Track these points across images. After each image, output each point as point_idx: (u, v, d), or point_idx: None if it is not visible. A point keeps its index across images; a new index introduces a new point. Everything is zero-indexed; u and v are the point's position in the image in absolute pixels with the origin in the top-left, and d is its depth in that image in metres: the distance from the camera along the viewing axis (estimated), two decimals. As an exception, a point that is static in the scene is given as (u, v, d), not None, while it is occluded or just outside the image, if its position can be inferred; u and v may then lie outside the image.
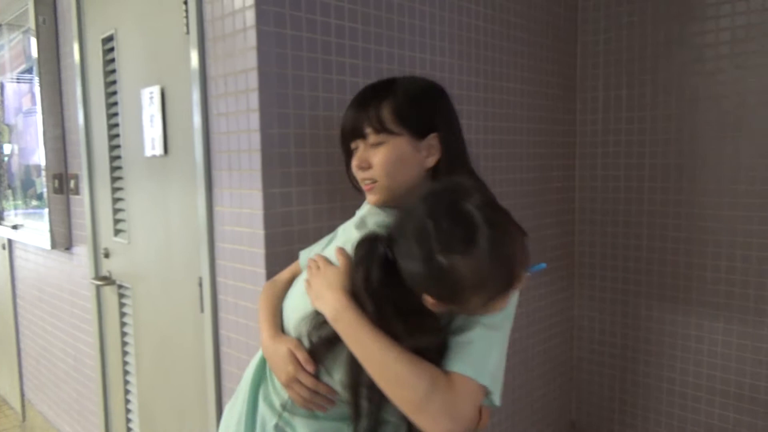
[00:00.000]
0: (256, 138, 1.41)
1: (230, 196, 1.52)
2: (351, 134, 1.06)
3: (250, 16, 1.38)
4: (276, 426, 1.03)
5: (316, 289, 0.96)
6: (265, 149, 1.41)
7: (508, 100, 2.17)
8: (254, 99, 1.40)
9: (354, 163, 1.06)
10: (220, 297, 1.61)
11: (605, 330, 2.58)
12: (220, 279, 1.61)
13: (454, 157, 1.03)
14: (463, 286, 0.82)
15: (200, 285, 1.65)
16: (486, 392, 0.88)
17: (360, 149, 1.05)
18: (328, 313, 0.92)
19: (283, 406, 1.04)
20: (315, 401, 0.98)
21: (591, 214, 2.58)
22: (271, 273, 1.42)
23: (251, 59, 1.39)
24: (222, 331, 1.62)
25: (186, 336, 1.78)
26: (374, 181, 1.04)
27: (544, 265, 0.94)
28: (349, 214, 1.60)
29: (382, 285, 0.87)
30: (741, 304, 2.18)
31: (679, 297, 2.34)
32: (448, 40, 1.89)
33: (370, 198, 1.06)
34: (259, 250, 1.44)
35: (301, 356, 0.98)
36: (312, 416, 1.02)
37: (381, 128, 1.00)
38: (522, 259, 0.86)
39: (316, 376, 0.98)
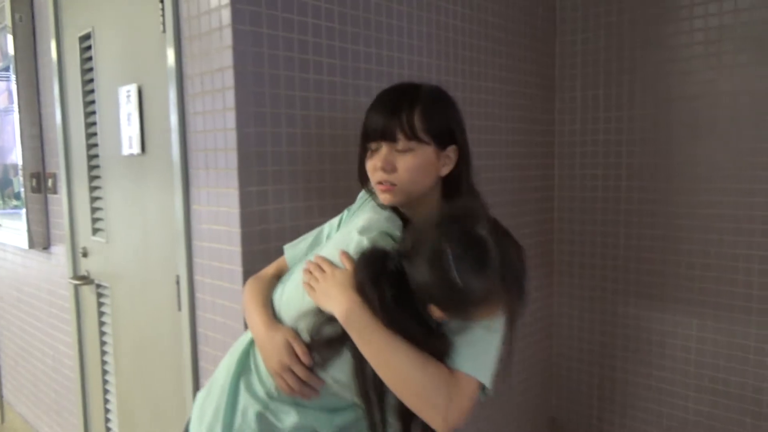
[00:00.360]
0: (232, 137, 1.42)
1: (207, 194, 1.53)
2: (380, 136, 1.06)
3: (226, 15, 1.38)
4: (258, 414, 1.05)
5: (325, 289, 0.98)
6: (241, 148, 1.42)
7: (487, 99, 2.19)
8: (230, 98, 1.41)
9: (378, 164, 1.06)
10: (198, 295, 1.61)
11: (584, 327, 2.61)
12: (197, 277, 1.61)
13: (464, 169, 1.09)
14: (476, 303, 0.89)
15: (177, 283, 1.65)
16: (482, 387, 0.95)
17: (384, 151, 1.05)
18: (340, 312, 0.93)
19: (269, 395, 1.06)
20: (303, 391, 1.01)
21: (570, 213, 2.62)
22: (248, 271, 1.43)
23: (227, 58, 1.39)
24: (199, 329, 1.63)
25: (164, 334, 1.78)
26: (393, 184, 1.06)
27: None
28: (325, 212, 1.62)
29: (395, 300, 0.92)
30: (714, 300, 2.22)
31: (655, 294, 2.38)
32: (426, 39, 1.90)
33: (385, 198, 1.08)
34: (236, 248, 1.45)
35: (299, 348, 1.00)
36: (298, 405, 1.05)
37: (412, 135, 1.03)
38: (525, 273, 0.94)
39: (310, 369, 1.01)
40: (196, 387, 1.65)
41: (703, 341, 2.27)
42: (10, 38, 2.36)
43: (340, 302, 0.94)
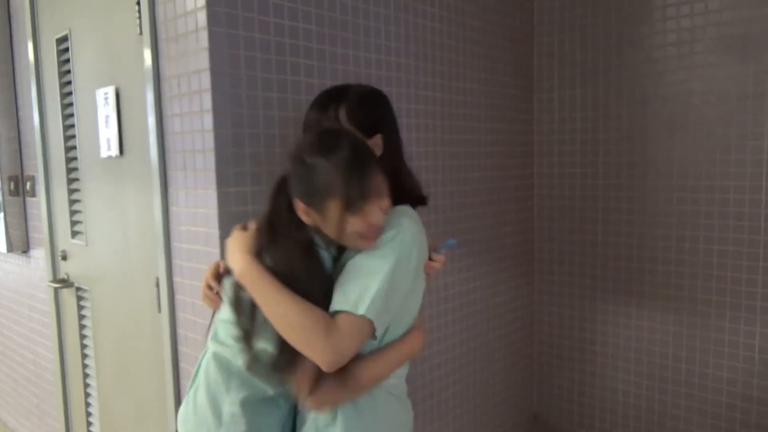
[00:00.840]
0: (209, 138, 1.43)
1: (185, 196, 1.53)
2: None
3: (202, 18, 1.39)
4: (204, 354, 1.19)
5: (229, 249, 1.10)
6: (219, 149, 1.43)
7: (465, 100, 2.22)
8: (207, 100, 1.41)
9: None
10: (177, 296, 1.62)
11: (564, 324, 2.65)
12: (176, 279, 1.61)
13: (393, 155, 1.20)
14: (321, 187, 1.01)
15: (157, 285, 1.65)
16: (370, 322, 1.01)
17: None
18: (236, 269, 1.06)
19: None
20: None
21: (549, 211, 2.65)
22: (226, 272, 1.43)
23: (203, 60, 1.40)
24: (180, 331, 1.63)
25: (144, 336, 1.78)
26: None
27: (453, 241, 1.15)
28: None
29: (288, 212, 1.07)
30: (690, 296, 2.27)
31: (632, 290, 2.42)
32: (404, 41, 1.92)
33: None
34: (215, 250, 1.46)
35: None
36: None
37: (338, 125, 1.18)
38: (376, 185, 1.03)
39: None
40: (178, 388, 1.65)
41: (679, 337, 2.31)
42: (-14, 41, 2.35)
43: (236, 260, 1.07)
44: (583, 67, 2.49)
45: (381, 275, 1.02)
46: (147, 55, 1.56)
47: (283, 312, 1.00)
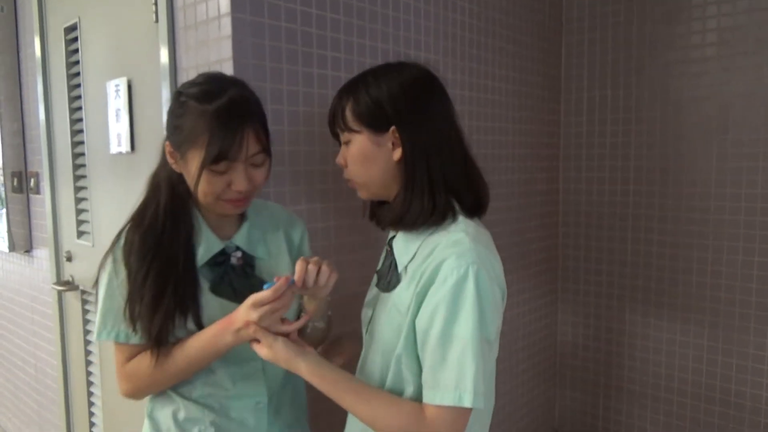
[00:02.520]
0: (230, 134, 1.31)
1: (202, 196, 1.42)
2: (331, 134, 1.06)
3: (225, 3, 1.28)
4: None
5: (284, 357, 0.91)
6: (240, 146, 1.31)
7: (493, 99, 2.11)
8: (229, 92, 1.30)
9: (336, 160, 1.05)
10: (191, 304, 1.50)
11: (589, 335, 2.53)
12: (190, 285, 1.50)
13: (421, 149, 0.94)
14: (187, 132, 0.93)
15: (169, 292, 1.54)
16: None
17: (342, 147, 1.04)
18: (302, 373, 0.92)
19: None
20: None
21: (575, 216, 2.54)
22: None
23: (226, 49, 1.29)
24: (193, 341, 1.52)
25: (154, 346, 1.66)
26: (350, 180, 1.04)
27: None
28: (327, 216, 1.52)
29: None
30: (726, 309, 2.15)
31: (664, 302, 2.30)
32: (434, 35, 1.81)
33: (359, 194, 1.06)
34: (234, 255, 1.34)
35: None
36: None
37: (345, 127, 0.99)
38: (246, 146, 0.93)
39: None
40: (188, 402, 1.54)
41: (714, 352, 2.19)
42: (-9, 30, 2.24)
43: (300, 368, 0.91)
44: (614, 68, 2.37)
45: (471, 346, 0.84)
46: (163, 44, 1.44)
47: (370, 414, 0.89)
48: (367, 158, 0.97)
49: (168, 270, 0.96)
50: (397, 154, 0.95)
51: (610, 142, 2.41)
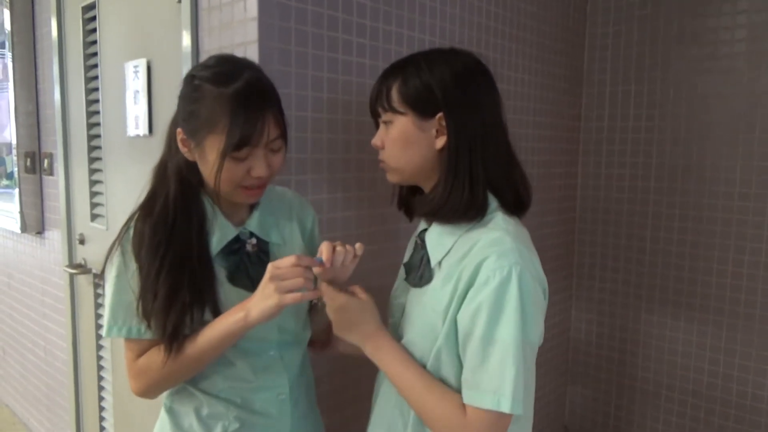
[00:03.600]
0: (253, 119, 1.28)
1: (222, 182, 1.39)
2: (371, 114, 1.01)
3: (251, -16, 1.24)
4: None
5: (351, 320, 0.93)
6: (263, 132, 1.28)
7: (515, 91, 2.07)
8: (253, 76, 1.27)
9: (372, 141, 1.00)
10: (208, 292, 1.48)
11: (603, 333, 2.50)
12: (207, 272, 1.47)
13: (466, 139, 0.90)
14: (204, 117, 0.88)
15: (185, 278, 1.51)
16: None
17: (380, 128, 0.99)
18: (360, 344, 0.94)
19: None
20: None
21: (593, 213, 2.50)
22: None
23: (252, 31, 1.25)
24: (208, 329, 1.49)
25: (168, 332, 1.64)
26: (384, 162, 0.99)
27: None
28: (350, 206, 1.49)
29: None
30: (746, 312, 2.12)
31: (681, 302, 2.27)
32: (459, 23, 1.77)
33: (388, 176, 1.01)
34: (253, 243, 1.31)
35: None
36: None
37: (388, 107, 0.95)
38: (267, 132, 0.89)
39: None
40: (202, 390, 1.52)
41: (732, 354, 2.16)
42: (6, 12, 2.20)
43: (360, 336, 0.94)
44: (639, 62, 2.32)
45: (512, 350, 0.81)
46: (185, 24, 1.41)
47: (416, 398, 0.89)
48: (408, 142, 0.93)
49: (183, 262, 0.91)
50: (440, 142, 0.91)
51: (632, 137, 2.36)
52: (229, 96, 0.87)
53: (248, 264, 1.00)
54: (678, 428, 2.30)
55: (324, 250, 0.89)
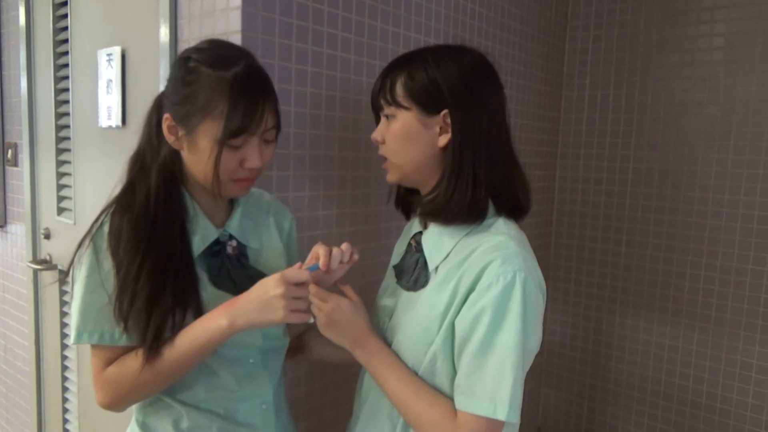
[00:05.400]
0: (234, 112, 1.23)
1: (199, 177, 1.34)
2: (372, 107, 0.98)
3: (235, -28, 1.20)
4: None
5: (341, 323, 0.90)
6: (244, 126, 1.24)
7: (498, 92, 2.05)
8: (235, 68, 1.22)
9: (372, 135, 0.97)
10: (182, 291, 1.42)
11: (577, 336, 2.52)
12: (182, 270, 1.42)
13: (470, 138, 0.88)
14: (200, 101, 0.84)
15: (158, 276, 1.46)
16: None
17: (381, 122, 0.96)
18: (352, 350, 0.92)
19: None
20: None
21: (569, 216, 2.51)
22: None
23: (234, 21, 1.20)
24: (182, 329, 1.44)
25: (138, 332, 1.58)
26: (385, 158, 0.96)
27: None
28: (331, 204, 1.45)
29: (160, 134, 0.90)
30: (718, 316, 2.15)
31: (655, 305, 2.30)
32: (444, 21, 1.75)
33: (387, 176, 0.97)
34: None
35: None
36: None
37: (392, 100, 0.91)
38: (265, 120, 0.87)
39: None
40: (174, 393, 1.47)
41: (703, 357, 2.19)
42: (-30, -12, 2.10)
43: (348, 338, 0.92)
44: (618, 67, 2.34)
45: (511, 357, 0.79)
46: (164, 12, 1.35)
47: (405, 402, 0.87)
48: (410, 137, 0.90)
49: (165, 262, 0.85)
50: (443, 140, 0.89)
51: (609, 142, 2.38)
52: (229, 80, 0.83)
53: (229, 267, 0.96)
54: (649, 430, 2.33)
55: (321, 255, 0.86)
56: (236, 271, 0.96)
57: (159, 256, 0.85)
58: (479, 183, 0.87)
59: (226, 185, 0.89)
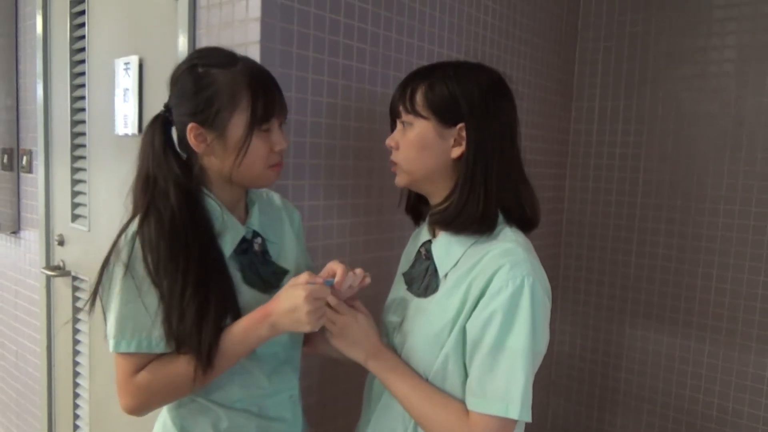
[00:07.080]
0: (251, 122, 1.25)
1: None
2: (390, 113, 1.01)
3: (255, -17, 1.21)
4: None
5: (352, 337, 0.93)
6: (261, 135, 1.25)
7: (509, 102, 2.06)
8: (253, 77, 1.23)
9: (386, 140, 1.00)
10: (196, 298, 1.43)
11: (587, 346, 2.51)
12: (197, 278, 1.43)
13: (483, 152, 0.91)
14: (224, 99, 0.88)
15: (173, 283, 1.47)
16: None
17: (397, 129, 0.99)
18: (364, 360, 0.94)
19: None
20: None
21: (579, 227, 2.51)
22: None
23: (253, 32, 1.22)
24: (195, 337, 1.44)
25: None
26: (395, 163, 0.99)
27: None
28: (345, 213, 1.46)
29: (167, 155, 0.92)
30: (729, 327, 2.14)
31: (665, 317, 2.29)
32: (457, 32, 1.76)
33: (396, 179, 1.01)
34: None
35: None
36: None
37: (411, 109, 0.95)
38: (281, 103, 0.93)
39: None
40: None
41: (713, 369, 2.18)
42: (-12, -3, 2.13)
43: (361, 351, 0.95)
44: (629, 78, 2.35)
45: (522, 358, 0.83)
46: (182, 22, 1.37)
47: (418, 407, 0.89)
48: (426, 146, 0.93)
49: (204, 274, 0.87)
50: (457, 151, 0.92)
51: (620, 152, 2.39)
52: (242, 73, 0.89)
53: (257, 264, 0.99)
54: (659, 442, 2.32)
55: (339, 273, 0.89)
56: (263, 268, 0.99)
57: (198, 270, 0.87)
58: (490, 195, 0.91)
59: (264, 174, 0.94)
